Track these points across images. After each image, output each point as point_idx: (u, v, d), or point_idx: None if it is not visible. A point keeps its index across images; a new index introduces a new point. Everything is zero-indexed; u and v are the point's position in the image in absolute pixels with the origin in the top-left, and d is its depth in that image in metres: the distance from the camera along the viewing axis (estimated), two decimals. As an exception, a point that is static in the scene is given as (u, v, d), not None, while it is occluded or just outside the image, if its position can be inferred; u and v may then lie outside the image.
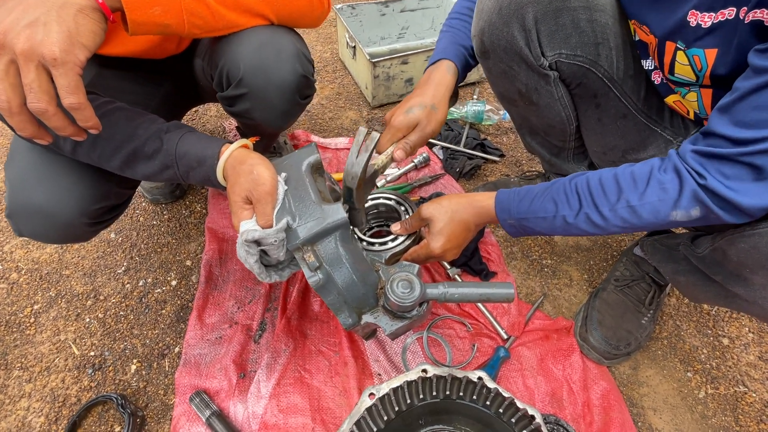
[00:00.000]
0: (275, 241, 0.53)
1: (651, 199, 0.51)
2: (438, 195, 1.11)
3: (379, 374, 0.82)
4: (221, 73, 0.71)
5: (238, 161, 0.58)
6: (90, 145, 0.59)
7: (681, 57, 0.56)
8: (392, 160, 0.70)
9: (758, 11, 0.45)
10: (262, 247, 0.55)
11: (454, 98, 0.79)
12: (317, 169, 0.65)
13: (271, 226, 0.55)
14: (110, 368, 0.85)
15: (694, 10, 0.51)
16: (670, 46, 0.57)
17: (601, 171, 0.57)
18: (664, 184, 0.51)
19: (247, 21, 0.67)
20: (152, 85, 0.84)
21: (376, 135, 0.61)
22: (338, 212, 0.56)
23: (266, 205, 0.55)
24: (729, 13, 0.48)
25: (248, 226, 0.54)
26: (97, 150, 0.59)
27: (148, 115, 0.62)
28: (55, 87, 0.43)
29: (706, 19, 0.50)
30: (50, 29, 0.43)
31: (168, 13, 0.55)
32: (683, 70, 0.57)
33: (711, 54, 0.52)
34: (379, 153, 0.71)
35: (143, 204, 1.13)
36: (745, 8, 0.46)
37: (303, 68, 0.71)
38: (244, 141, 0.62)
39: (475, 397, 0.59)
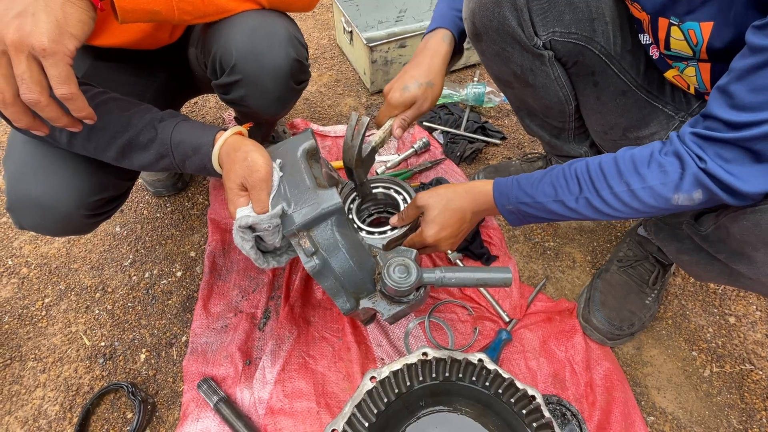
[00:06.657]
0: (269, 227, 0.54)
1: (652, 182, 0.50)
2: (439, 180, 1.10)
3: (382, 359, 0.83)
4: (214, 59, 0.71)
5: (233, 148, 0.58)
6: (85, 136, 0.59)
7: (676, 32, 0.54)
8: (390, 135, 0.73)
9: None
10: (258, 233, 0.55)
11: (459, 55, 0.77)
12: (313, 155, 0.65)
13: (266, 213, 0.55)
14: (120, 358, 0.87)
15: None
16: (663, 21, 0.55)
17: (600, 156, 0.56)
18: (665, 167, 0.50)
19: (238, 5, 0.66)
20: (147, 76, 0.84)
21: (366, 119, 0.67)
22: (333, 197, 0.56)
23: (261, 192, 0.55)
24: None
25: (244, 213, 0.54)
26: (93, 141, 0.59)
27: (142, 104, 0.62)
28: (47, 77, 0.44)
29: None
30: (38, 19, 0.43)
31: None
32: (679, 45, 0.55)
33: (707, 27, 0.50)
34: (378, 126, 0.74)
35: (147, 197, 1.14)
36: None
37: (296, 52, 0.70)
38: (238, 128, 0.62)
39: (474, 378, 0.59)
